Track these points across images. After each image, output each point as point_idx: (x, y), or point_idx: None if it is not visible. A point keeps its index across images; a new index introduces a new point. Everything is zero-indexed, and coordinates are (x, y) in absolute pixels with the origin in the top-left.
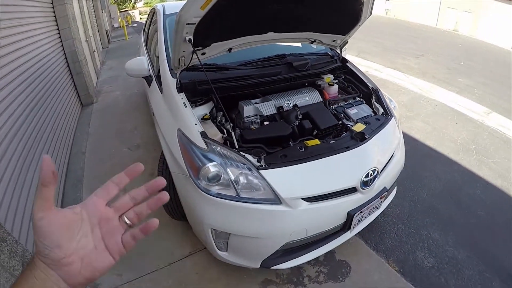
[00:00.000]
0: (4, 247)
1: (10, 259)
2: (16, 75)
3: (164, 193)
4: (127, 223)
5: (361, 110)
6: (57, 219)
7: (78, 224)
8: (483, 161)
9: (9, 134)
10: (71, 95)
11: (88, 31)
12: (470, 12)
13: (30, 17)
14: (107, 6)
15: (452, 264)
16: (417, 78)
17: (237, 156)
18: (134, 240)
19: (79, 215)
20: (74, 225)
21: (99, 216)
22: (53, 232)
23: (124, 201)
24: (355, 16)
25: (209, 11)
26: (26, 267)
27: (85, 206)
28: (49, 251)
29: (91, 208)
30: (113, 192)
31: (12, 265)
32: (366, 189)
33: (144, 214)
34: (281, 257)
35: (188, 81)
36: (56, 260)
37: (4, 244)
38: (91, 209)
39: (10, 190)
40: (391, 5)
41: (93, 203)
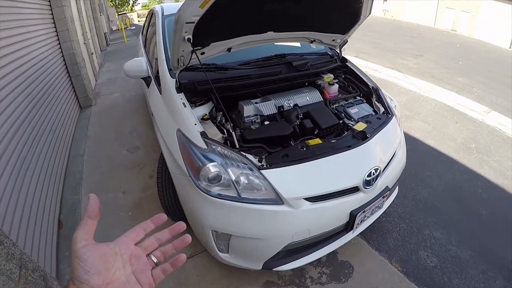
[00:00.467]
0: (1, 250)
1: (7, 262)
2: (13, 77)
3: (187, 236)
4: (154, 261)
5: (362, 109)
6: (97, 249)
7: (113, 257)
8: (484, 159)
9: (7, 137)
10: (70, 98)
11: (86, 34)
12: (468, 12)
13: (27, 19)
14: (105, 8)
15: (455, 263)
16: (416, 78)
17: (238, 156)
18: (164, 274)
19: (113, 250)
20: (110, 257)
21: (129, 254)
22: (94, 260)
23: (150, 241)
24: (354, 15)
25: (208, 10)
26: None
27: (117, 244)
28: (89, 277)
29: (123, 246)
30: (140, 235)
31: (9, 268)
32: (369, 188)
33: (169, 253)
34: (283, 259)
35: (187, 81)
36: (95, 287)
37: (1, 247)
38: (123, 246)
39: (7, 193)
40: (389, 6)
41: (123, 241)
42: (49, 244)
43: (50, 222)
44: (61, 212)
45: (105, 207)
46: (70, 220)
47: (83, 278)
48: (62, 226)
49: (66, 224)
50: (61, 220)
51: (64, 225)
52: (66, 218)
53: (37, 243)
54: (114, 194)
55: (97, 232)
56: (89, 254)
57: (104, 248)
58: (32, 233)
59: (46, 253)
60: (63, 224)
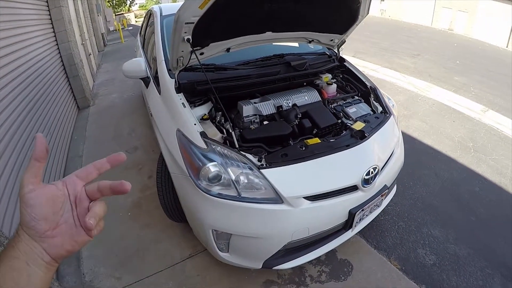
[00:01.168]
0: None
1: None
2: (11, 78)
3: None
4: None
5: (360, 108)
6: (45, 193)
7: (61, 200)
8: (481, 158)
9: (5, 138)
10: (68, 98)
11: (84, 34)
12: (465, 11)
13: (25, 19)
14: (103, 9)
15: (454, 261)
16: (413, 78)
17: (238, 155)
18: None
19: (62, 191)
20: (58, 200)
21: (76, 196)
22: (40, 204)
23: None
24: (352, 16)
25: (208, 10)
26: (9, 241)
27: (66, 183)
28: (36, 223)
29: (71, 187)
30: (92, 176)
31: None
32: (367, 187)
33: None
34: (283, 257)
35: (186, 82)
36: (41, 232)
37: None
38: (71, 187)
39: (7, 194)
40: (386, 6)
41: (73, 182)
42: None
43: None
44: None
45: None
46: None
47: (30, 224)
48: None
49: None
50: None
51: None
52: None
53: None
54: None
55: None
56: (35, 200)
57: (52, 190)
58: None
59: None
60: None
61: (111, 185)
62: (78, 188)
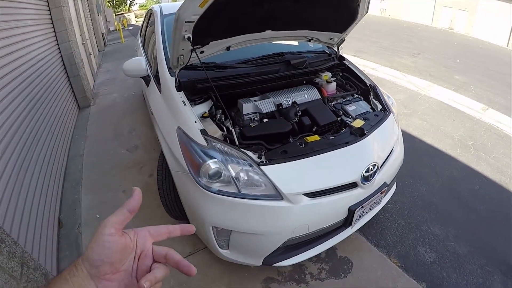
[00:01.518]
0: (3, 248)
1: (8, 260)
2: (12, 78)
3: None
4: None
5: (360, 106)
6: (121, 242)
7: (129, 251)
8: (481, 156)
9: (6, 137)
10: (68, 98)
11: (84, 34)
12: (465, 10)
13: (26, 19)
14: (103, 9)
15: (453, 259)
16: (414, 76)
17: (238, 152)
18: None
19: (133, 243)
20: (127, 250)
21: (143, 251)
22: (114, 250)
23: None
24: (351, 14)
25: (208, 9)
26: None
27: (138, 236)
28: (102, 264)
29: (141, 240)
30: (162, 237)
31: (11, 267)
32: (367, 184)
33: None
34: (283, 254)
35: (187, 80)
36: (103, 274)
37: (3, 245)
38: (141, 241)
39: (8, 192)
40: (386, 5)
41: (144, 236)
42: (50, 243)
43: (50, 222)
44: (61, 211)
45: (105, 206)
46: (70, 220)
47: (96, 263)
48: (62, 225)
49: (66, 224)
50: (61, 220)
51: (64, 225)
52: (66, 217)
53: (38, 242)
54: (114, 193)
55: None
56: (111, 244)
57: (127, 241)
58: (32, 232)
59: (47, 252)
60: (63, 223)
61: (179, 262)
62: (147, 244)
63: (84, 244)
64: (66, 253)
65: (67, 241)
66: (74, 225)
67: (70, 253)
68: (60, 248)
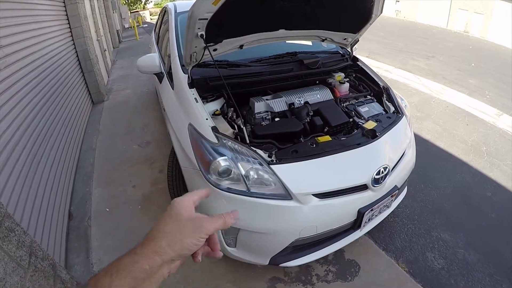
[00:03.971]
0: (12, 237)
1: (17, 249)
2: (27, 72)
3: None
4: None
5: (372, 108)
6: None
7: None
8: (494, 163)
9: (20, 129)
10: (82, 93)
11: (99, 31)
12: (481, 13)
13: (41, 15)
14: (118, 6)
15: (462, 266)
16: (427, 79)
17: (248, 151)
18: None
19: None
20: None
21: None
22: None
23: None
24: (365, 15)
25: (221, 6)
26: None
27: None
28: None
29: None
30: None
31: (20, 255)
32: (377, 186)
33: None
34: (290, 255)
35: (199, 77)
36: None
37: (13, 234)
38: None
39: (20, 183)
40: (401, 6)
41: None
42: (59, 235)
43: (60, 213)
44: (71, 203)
45: (115, 200)
46: (80, 212)
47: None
48: (72, 218)
49: (76, 216)
50: (72, 212)
51: (74, 217)
52: (76, 209)
53: (47, 233)
54: (124, 188)
55: (107, 225)
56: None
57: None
58: (42, 223)
59: (56, 243)
60: (73, 215)
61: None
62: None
63: (93, 237)
64: (75, 245)
65: (76, 233)
66: (84, 217)
67: (78, 245)
68: (69, 240)
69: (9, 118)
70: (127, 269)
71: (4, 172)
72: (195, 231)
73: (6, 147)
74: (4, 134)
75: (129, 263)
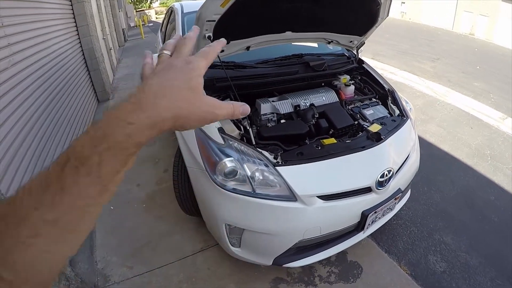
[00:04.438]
0: None
1: None
2: (34, 69)
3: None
4: None
5: (377, 111)
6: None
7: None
8: (498, 167)
9: (27, 126)
10: (88, 91)
11: (105, 29)
12: (486, 15)
13: (48, 13)
14: (124, 5)
15: (464, 269)
16: (432, 82)
17: (254, 152)
18: None
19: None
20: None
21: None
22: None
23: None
24: (372, 17)
25: (229, 9)
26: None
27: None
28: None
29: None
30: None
31: None
32: (381, 189)
33: None
34: (294, 255)
35: (206, 78)
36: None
37: None
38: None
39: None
40: (406, 8)
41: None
42: None
43: None
44: None
45: (119, 199)
46: None
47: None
48: None
49: None
50: None
51: None
52: None
53: None
54: (128, 187)
55: (111, 223)
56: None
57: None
58: None
59: None
60: None
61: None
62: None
63: (97, 234)
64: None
65: None
66: None
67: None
68: None
69: (15, 116)
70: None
71: (10, 169)
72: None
73: (12, 144)
74: (10, 131)
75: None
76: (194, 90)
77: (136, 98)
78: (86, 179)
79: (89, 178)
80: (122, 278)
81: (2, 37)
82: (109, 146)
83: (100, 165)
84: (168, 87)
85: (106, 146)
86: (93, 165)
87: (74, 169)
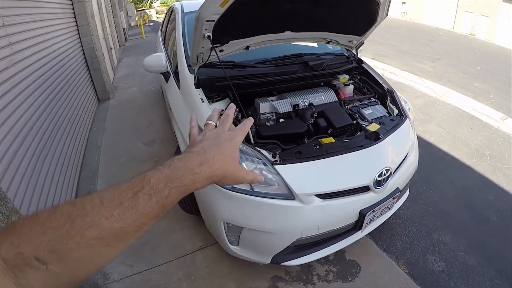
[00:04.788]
0: None
1: None
2: (35, 69)
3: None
4: None
5: (376, 110)
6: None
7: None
8: (497, 167)
9: (27, 125)
10: (88, 90)
11: (106, 29)
12: (487, 16)
13: (49, 13)
14: (125, 4)
15: (462, 269)
16: (432, 82)
17: (253, 150)
18: None
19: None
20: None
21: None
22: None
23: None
24: (371, 17)
25: (228, 8)
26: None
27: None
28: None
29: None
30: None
31: None
32: (379, 188)
33: None
34: (292, 254)
35: (205, 77)
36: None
37: None
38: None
39: (26, 179)
40: (407, 8)
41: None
42: None
43: None
44: None
45: None
46: None
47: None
48: None
49: None
50: None
51: None
52: None
53: None
54: None
55: None
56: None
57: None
58: None
59: None
60: None
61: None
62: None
63: None
64: None
65: None
66: None
67: None
68: None
69: (16, 115)
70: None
71: (10, 168)
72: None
73: (13, 143)
74: (11, 130)
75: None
76: (235, 159)
77: (202, 157)
78: (154, 204)
79: (156, 204)
80: (121, 276)
81: (3, 37)
82: (178, 186)
83: (168, 197)
84: (221, 154)
85: (176, 185)
86: (163, 196)
87: (147, 196)
